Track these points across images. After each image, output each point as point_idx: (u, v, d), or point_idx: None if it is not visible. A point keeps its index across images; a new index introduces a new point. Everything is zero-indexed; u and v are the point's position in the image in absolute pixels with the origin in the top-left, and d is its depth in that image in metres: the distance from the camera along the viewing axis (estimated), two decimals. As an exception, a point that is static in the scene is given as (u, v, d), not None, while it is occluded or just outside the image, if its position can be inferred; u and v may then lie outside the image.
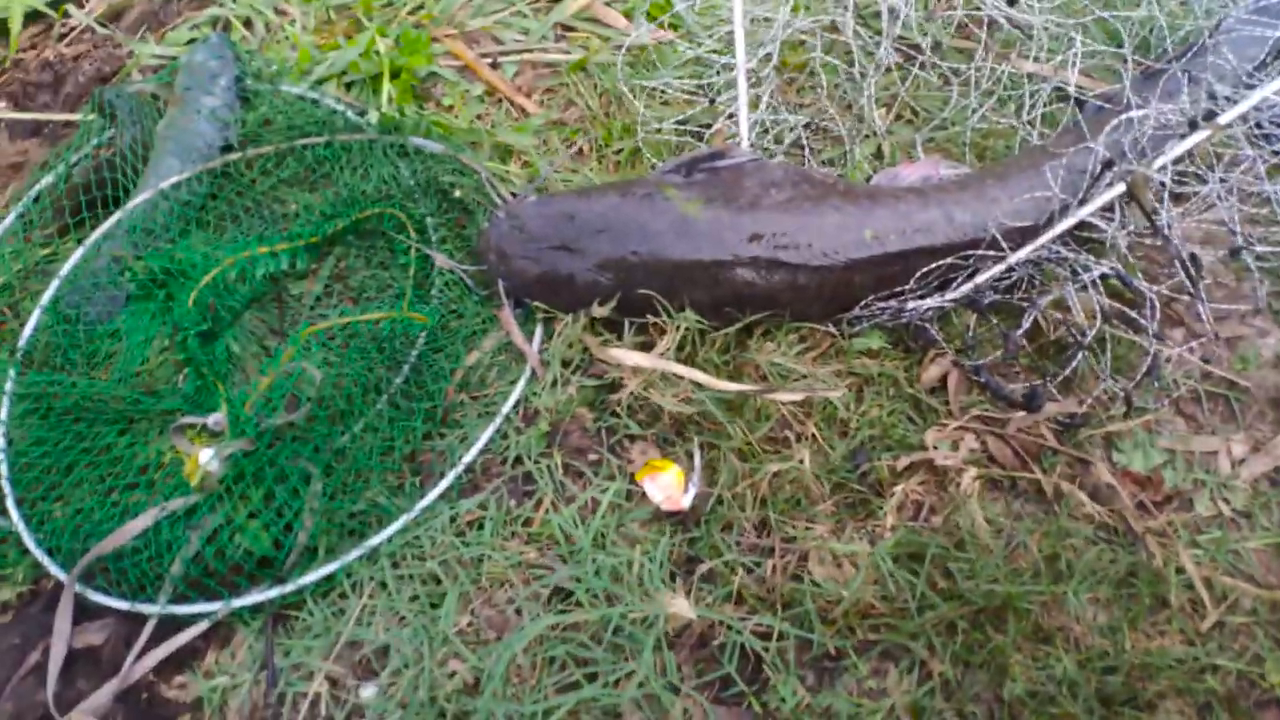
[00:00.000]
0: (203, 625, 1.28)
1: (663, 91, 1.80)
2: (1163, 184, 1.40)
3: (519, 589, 1.26)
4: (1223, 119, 1.41)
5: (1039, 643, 1.21)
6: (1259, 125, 1.56)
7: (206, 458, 1.30)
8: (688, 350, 1.43)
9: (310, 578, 1.28)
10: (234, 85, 1.76)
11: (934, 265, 1.42)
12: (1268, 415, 1.40)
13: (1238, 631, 1.22)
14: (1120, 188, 1.39)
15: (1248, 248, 1.47)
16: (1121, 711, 1.15)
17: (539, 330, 1.49)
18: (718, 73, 1.77)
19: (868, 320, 1.46)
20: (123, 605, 1.28)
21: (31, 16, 2.15)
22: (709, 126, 1.72)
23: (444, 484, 1.35)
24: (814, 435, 1.36)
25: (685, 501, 1.31)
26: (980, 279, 1.43)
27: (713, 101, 1.74)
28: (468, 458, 1.37)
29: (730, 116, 1.69)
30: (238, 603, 1.27)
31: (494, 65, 1.93)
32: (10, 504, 1.35)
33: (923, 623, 1.21)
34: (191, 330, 1.46)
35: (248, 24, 2.05)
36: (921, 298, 1.43)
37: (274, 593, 1.27)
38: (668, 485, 1.32)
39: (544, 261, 1.45)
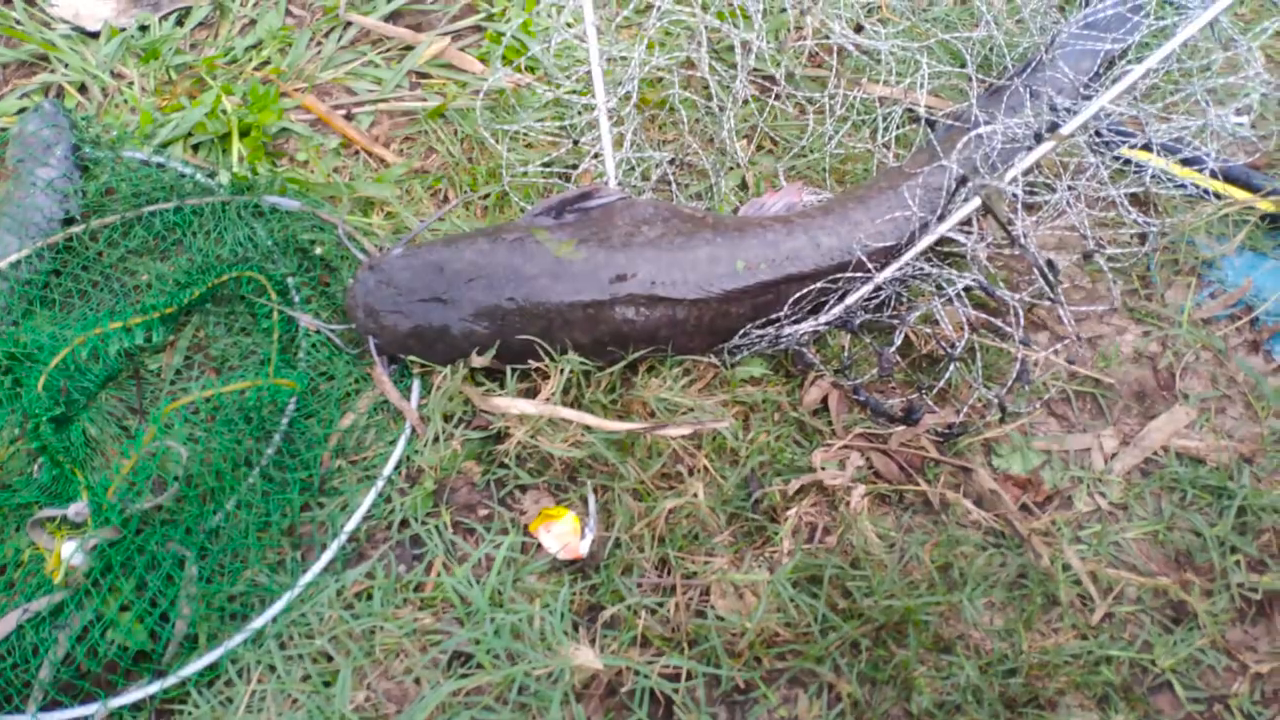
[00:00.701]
0: (79, 731, 1.19)
1: (525, 134, 1.79)
2: (1015, 195, 1.45)
3: (416, 657, 1.21)
4: (1065, 129, 1.48)
5: (941, 653, 1.22)
6: (1099, 133, 1.64)
7: (69, 551, 1.21)
8: (573, 393, 1.41)
9: (192, 668, 1.20)
10: (71, 154, 1.68)
11: (805, 290, 1.44)
12: (1133, 409, 1.46)
13: (1126, 621, 1.26)
14: (976, 202, 1.43)
15: (1099, 250, 1.53)
16: (1025, 713, 1.17)
17: (416, 386, 1.45)
18: (579, 113, 1.77)
19: (747, 349, 1.47)
20: (-14, 721, 1.19)
21: None
22: (575, 167, 1.72)
23: (327, 556, 1.30)
24: (706, 467, 1.36)
25: (583, 548, 1.28)
26: (850, 300, 1.45)
27: (576, 142, 1.74)
28: (349, 526, 1.32)
29: (596, 156, 1.69)
30: (116, 702, 1.19)
31: (348, 117, 1.89)
32: None
33: (827, 645, 1.21)
34: (43, 416, 1.37)
35: (82, 89, 1.96)
36: (796, 323, 1.45)
37: (154, 688, 1.19)
38: (563, 533, 1.29)
39: (415, 315, 1.41)
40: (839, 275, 1.45)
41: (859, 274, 1.44)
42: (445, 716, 1.16)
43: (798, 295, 1.43)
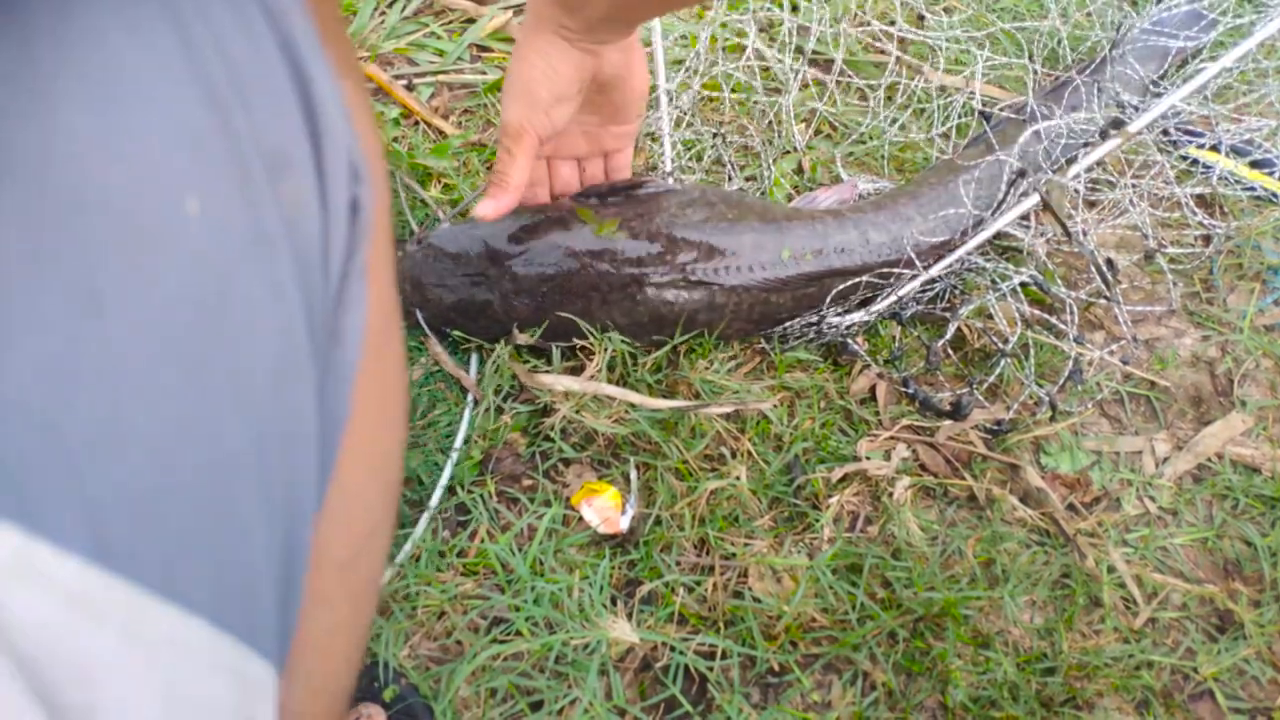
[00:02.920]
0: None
1: (583, 111, 1.79)
2: (1076, 191, 1.43)
3: (456, 620, 1.23)
4: (1133, 127, 1.45)
5: (979, 648, 1.21)
6: (1165, 132, 1.62)
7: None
8: (619, 370, 1.41)
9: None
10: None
11: (849, 284, 1.42)
12: (1188, 414, 1.43)
13: (1170, 627, 1.24)
14: (1034, 199, 1.41)
15: (1161, 250, 1.51)
16: (1062, 712, 1.16)
17: (474, 360, 1.46)
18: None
19: (793, 339, 1.46)
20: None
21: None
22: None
23: (422, 524, 1.31)
24: (749, 451, 1.36)
25: (623, 523, 1.29)
26: (902, 291, 1.44)
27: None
28: (434, 500, 1.33)
29: (652, 137, 1.69)
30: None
31: (409, 87, 1.90)
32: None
33: (864, 634, 1.21)
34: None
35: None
36: (844, 314, 1.44)
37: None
38: (605, 508, 1.30)
39: (459, 289, 1.42)
40: (886, 271, 1.43)
41: (909, 272, 1.43)
42: (485, 678, 1.17)
43: (840, 289, 1.42)
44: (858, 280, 1.42)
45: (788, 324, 1.44)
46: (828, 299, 1.42)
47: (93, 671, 0.39)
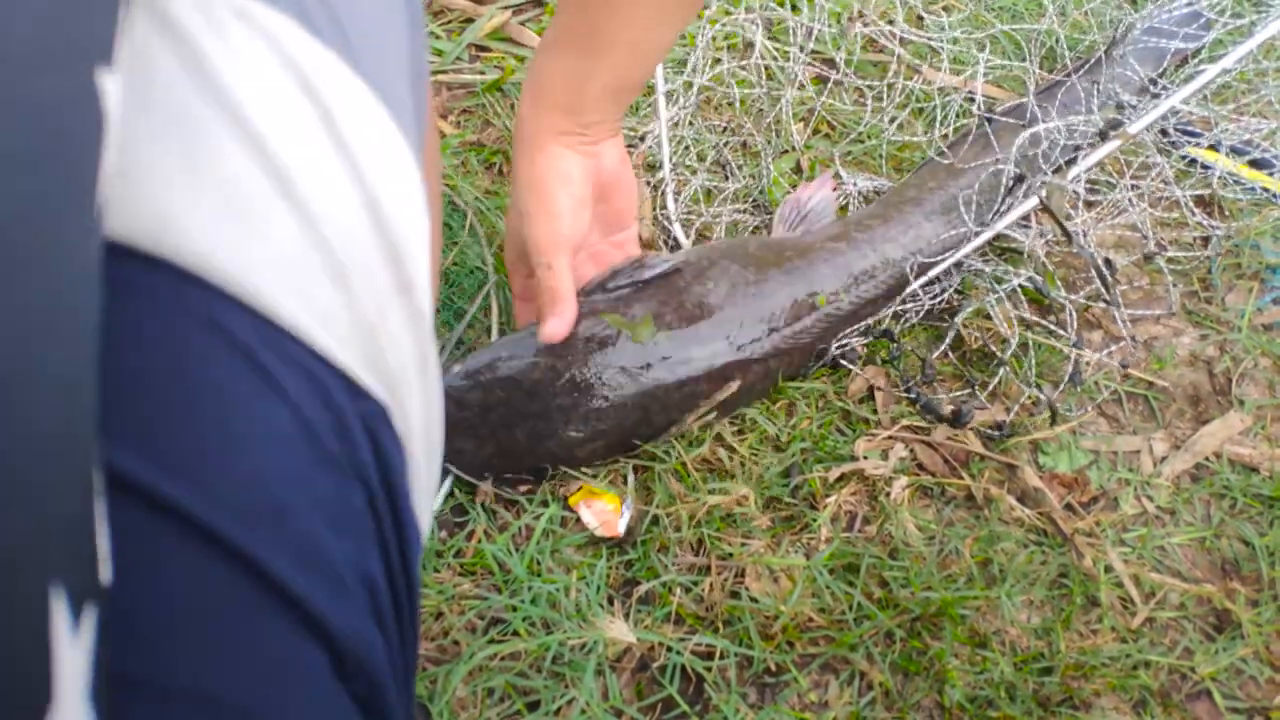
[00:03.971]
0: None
1: (582, 111, 1.79)
2: (1076, 193, 1.43)
3: (453, 620, 1.23)
4: (1133, 128, 1.45)
5: (976, 647, 1.21)
6: (1164, 132, 1.62)
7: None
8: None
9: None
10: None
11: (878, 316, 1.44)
12: (1186, 413, 1.43)
13: (1167, 626, 1.24)
14: (1033, 201, 1.41)
15: (1160, 251, 1.51)
16: (1059, 712, 1.17)
17: None
18: (637, 92, 1.76)
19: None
20: None
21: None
22: (631, 147, 1.72)
23: (426, 521, 1.30)
24: (749, 455, 1.36)
25: (620, 526, 1.29)
26: (900, 307, 1.44)
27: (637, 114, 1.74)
28: (436, 504, 1.32)
29: (646, 137, 1.69)
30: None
31: (410, 88, 1.90)
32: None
33: (861, 633, 1.21)
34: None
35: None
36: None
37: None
38: (603, 510, 1.30)
39: (498, 434, 1.32)
40: (905, 291, 1.44)
41: (916, 285, 1.43)
42: (482, 679, 1.18)
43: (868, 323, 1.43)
44: (886, 311, 1.43)
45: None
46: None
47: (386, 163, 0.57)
